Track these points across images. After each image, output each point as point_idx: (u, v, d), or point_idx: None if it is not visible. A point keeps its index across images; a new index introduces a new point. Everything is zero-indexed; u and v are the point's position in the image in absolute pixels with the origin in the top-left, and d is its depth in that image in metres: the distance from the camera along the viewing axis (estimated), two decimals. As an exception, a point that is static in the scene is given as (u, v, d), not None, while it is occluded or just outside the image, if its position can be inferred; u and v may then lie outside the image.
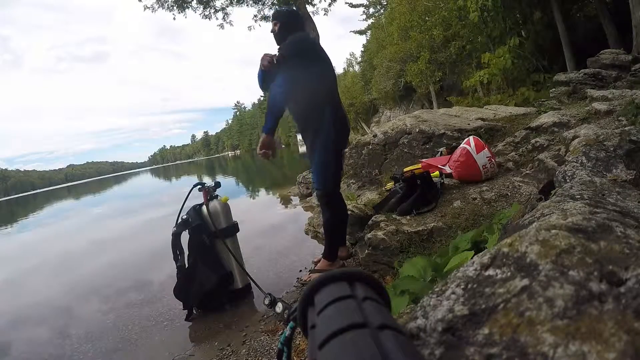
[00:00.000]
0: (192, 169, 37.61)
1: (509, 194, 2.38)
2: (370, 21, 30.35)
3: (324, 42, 11.10)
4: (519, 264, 0.39)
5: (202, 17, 11.44)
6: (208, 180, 2.61)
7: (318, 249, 2.53)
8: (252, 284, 2.36)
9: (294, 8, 2.37)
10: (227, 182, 12.41)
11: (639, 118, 2.22)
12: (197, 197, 2.38)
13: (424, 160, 3.37)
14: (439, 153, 3.66)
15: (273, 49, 2.12)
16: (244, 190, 9.92)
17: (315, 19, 11.21)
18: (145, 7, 10.77)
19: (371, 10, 30.19)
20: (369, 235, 2.25)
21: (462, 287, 0.39)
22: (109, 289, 3.20)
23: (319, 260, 2.38)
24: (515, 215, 1.54)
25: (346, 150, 3.75)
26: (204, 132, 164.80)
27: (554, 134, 3.12)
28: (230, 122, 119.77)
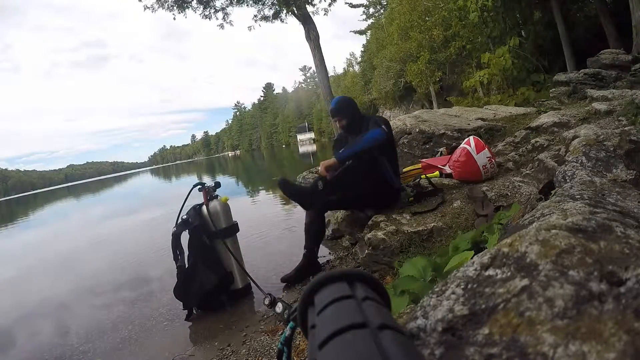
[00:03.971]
0: (192, 168, 37.63)
1: (509, 194, 2.38)
2: (370, 21, 30.39)
3: (324, 42, 11.12)
4: (519, 264, 0.39)
5: (202, 17, 11.43)
6: (208, 180, 2.61)
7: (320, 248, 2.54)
8: (252, 284, 2.35)
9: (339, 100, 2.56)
10: (227, 182, 12.41)
11: (639, 118, 2.22)
12: (197, 197, 2.38)
13: (424, 160, 3.37)
14: (439, 153, 3.66)
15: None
16: (244, 190, 9.92)
17: (315, 19, 11.21)
18: (145, 7, 10.77)
19: (371, 10, 30.22)
20: (368, 236, 2.24)
21: (462, 287, 0.39)
22: (108, 289, 3.20)
23: (288, 278, 2.42)
24: (515, 215, 1.54)
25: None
26: (204, 132, 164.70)
27: (554, 134, 3.11)
28: (230, 122, 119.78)
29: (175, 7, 10.93)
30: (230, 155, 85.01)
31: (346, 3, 28.90)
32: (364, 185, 2.32)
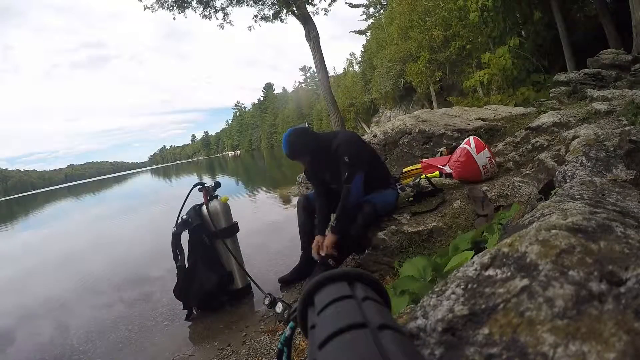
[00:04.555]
0: (192, 168, 37.63)
1: (509, 194, 2.38)
2: (370, 21, 30.38)
3: (323, 43, 11.12)
4: (519, 264, 0.39)
5: (202, 17, 11.43)
6: (208, 180, 2.61)
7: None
8: (252, 284, 2.35)
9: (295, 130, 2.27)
10: (227, 182, 12.41)
11: (639, 118, 2.22)
12: (198, 197, 2.38)
13: (424, 160, 3.37)
14: (439, 153, 3.66)
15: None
16: (244, 190, 9.92)
17: (315, 19, 11.22)
18: (145, 7, 10.77)
19: (371, 10, 30.22)
20: (369, 235, 2.24)
21: (462, 287, 0.39)
22: (109, 289, 3.20)
23: (286, 280, 2.40)
24: (515, 215, 1.54)
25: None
26: (204, 132, 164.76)
27: (554, 134, 3.11)
28: (230, 122, 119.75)
29: (175, 7, 10.93)
30: (230, 155, 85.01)
31: (346, 3, 28.92)
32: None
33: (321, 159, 2.21)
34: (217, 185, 2.47)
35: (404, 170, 3.38)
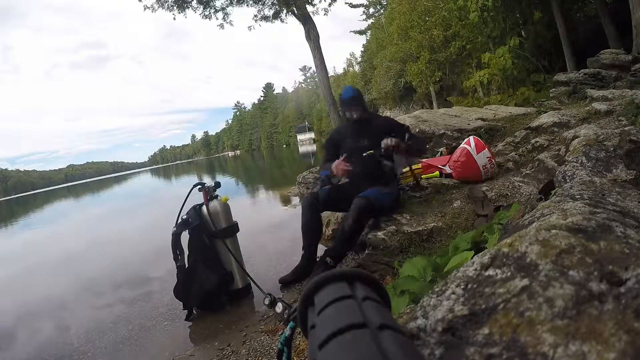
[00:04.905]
0: (192, 168, 37.64)
1: (509, 194, 2.38)
2: (370, 21, 30.39)
3: (323, 42, 11.13)
4: (519, 264, 0.39)
5: (202, 17, 11.47)
6: (208, 180, 2.61)
7: (319, 248, 2.54)
8: (252, 284, 2.35)
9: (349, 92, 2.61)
10: (227, 182, 12.41)
11: (639, 118, 2.22)
12: (198, 197, 2.38)
13: (424, 160, 3.37)
14: (439, 153, 3.67)
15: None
16: (244, 190, 9.92)
17: (315, 19, 11.23)
18: (145, 7, 10.78)
19: (371, 10, 30.23)
20: (369, 236, 2.24)
21: (462, 287, 0.39)
22: (108, 288, 3.20)
23: (286, 281, 2.39)
24: (515, 215, 1.54)
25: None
26: (204, 132, 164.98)
27: (554, 134, 3.11)
28: (230, 122, 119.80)
29: (175, 7, 10.96)
30: (230, 155, 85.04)
31: (346, 3, 28.90)
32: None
33: (362, 121, 2.41)
34: (217, 185, 2.47)
35: (404, 170, 3.37)
